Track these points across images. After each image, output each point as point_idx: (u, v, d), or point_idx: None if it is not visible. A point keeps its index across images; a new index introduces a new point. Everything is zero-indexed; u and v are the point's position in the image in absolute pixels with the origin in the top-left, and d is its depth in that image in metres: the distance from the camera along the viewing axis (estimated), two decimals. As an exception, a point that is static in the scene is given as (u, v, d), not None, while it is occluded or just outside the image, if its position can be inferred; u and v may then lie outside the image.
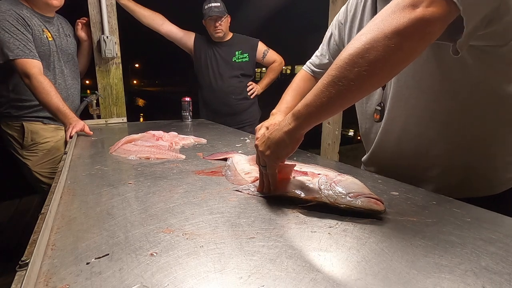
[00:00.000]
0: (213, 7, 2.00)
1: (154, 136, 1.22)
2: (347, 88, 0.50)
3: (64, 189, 0.70)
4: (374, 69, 0.49)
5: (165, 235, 0.49)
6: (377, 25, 0.49)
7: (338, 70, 0.51)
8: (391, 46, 0.48)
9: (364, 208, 0.55)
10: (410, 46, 0.49)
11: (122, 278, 0.38)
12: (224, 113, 2.18)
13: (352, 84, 0.50)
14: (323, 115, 0.55)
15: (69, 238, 0.49)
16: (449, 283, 0.38)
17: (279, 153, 0.60)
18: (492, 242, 0.47)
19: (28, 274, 0.37)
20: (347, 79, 0.50)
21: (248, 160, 0.90)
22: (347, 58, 0.50)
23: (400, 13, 0.48)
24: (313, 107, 0.54)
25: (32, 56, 1.47)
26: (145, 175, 0.81)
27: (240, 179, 0.77)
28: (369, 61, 0.49)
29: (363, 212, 0.56)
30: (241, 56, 2.17)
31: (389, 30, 0.48)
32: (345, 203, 0.56)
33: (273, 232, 0.50)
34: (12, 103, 1.59)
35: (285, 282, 0.38)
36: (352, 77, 0.50)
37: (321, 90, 0.53)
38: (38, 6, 1.57)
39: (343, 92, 0.51)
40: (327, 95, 0.52)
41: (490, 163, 0.75)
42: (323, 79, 0.53)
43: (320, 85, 0.53)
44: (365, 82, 0.51)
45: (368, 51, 0.49)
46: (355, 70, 0.49)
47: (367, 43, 0.49)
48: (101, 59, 1.98)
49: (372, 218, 0.55)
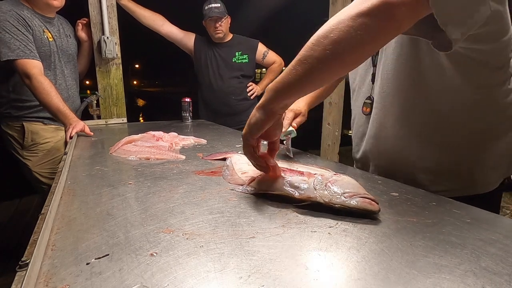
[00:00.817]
0: (213, 7, 2.00)
1: (154, 137, 1.22)
2: (312, 66, 0.51)
3: (64, 190, 0.70)
4: (337, 49, 0.49)
5: (165, 235, 0.49)
6: (344, 9, 0.50)
7: (305, 49, 0.52)
8: (354, 26, 0.48)
9: (359, 208, 0.55)
10: (373, 28, 0.48)
11: (122, 278, 0.38)
12: (224, 113, 2.18)
13: (317, 63, 0.51)
14: (293, 92, 0.57)
15: (69, 238, 0.49)
16: (449, 283, 0.38)
17: (252, 127, 0.60)
18: (492, 243, 0.47)
19: (28, 274, 0.37)
20: (312, 57, 0.51)
21: (246, 160, 0.89)
22: (313, 39, 0.52)
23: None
24: (282, 83, 0.56)
25: (32, 57, 1.47)
26: (145, 175, 0.81)
27: (236, 178, 0.77)
28: (332, 41, 0.49)
29: (358, 212, 0.55)
30: (241, 57, 2.18)
31: (353, 12, 0.48)
32: (340, 203, 0.56)
33: (273, 232, 0.50)
34: (12, 104, 1.59)
35: (285, 282, 0.38)
36: (317, 55, 0.51)
37: (290, 68, 0.54)
38: (39, 7, 1.57)
39: (309, 70, 0.52)
40: (294, 73, 0.53)
41: (465, 166, 0.76)
42: (294, 59, 0.54)
43: (290, 64, 0.54)
44: (330, 62, 0.51)
45: (332, 31, 0.49)
46: (319, 49, 0.50)
47: (332, 25, 0.49)
48: (101, 60, 1.99)
49: (367, 218, 0.55)
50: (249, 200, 0.64)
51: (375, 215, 0.56)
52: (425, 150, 0.78)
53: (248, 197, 0.66)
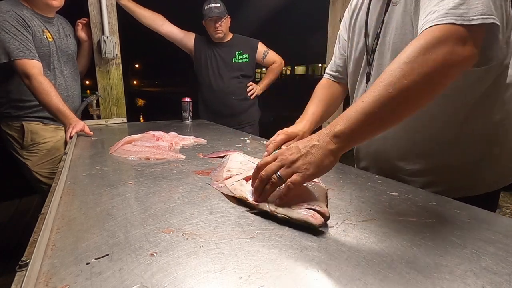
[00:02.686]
0: (213, 7, 2.00)
1: (154, 137, 1.22)
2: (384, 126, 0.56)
3: (64, 190, 0.70)
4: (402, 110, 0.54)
5: (165, 235, 0.49)
6: (431, 57, 0.53)
7: (374, 106, 0.53)
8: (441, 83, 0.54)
9: (300, 220, 0.51)
10: (451, 81, 0.55)
11: (122, 278, 0.38)
12: (224, 113, 2.18)
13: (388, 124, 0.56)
14: (362, 141, 0.60)
15: (69, 238, 0.49)
16: (449, 283, 0.38)
17: (323, 170, 0.55)
18: (492, 242, 0.47)
19: (28, 274, 0.37)
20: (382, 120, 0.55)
21: (240, 159, 0.88)
22: (381, 98, 0.53)
23: (453, 47, 0.53)
24: (357, 132, 0.55)
25: (32, 57, 1.47)
26: (145, 175, 0.81)
27: (219, 175, 0.77)
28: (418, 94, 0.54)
29: (299, 225, 0.51)
30: (241, 57, 2.18)
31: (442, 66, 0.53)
32: (283, 213, 0.52)
33: (273, 232, 0.50)
34: (12, 103, 1.59)
35: (285, 282, 0.38)
36: (387, 117, 0.54)
37: (360, 120, 0.54)
38: (38, 7, 1.57)
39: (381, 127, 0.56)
40: (366, 128, 0.55)
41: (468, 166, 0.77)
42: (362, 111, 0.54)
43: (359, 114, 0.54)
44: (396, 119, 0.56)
45: (419, 85, 0.52)
46: (389, 112, 0.54)
47: (417, 76, 0.52)
48: (101, 60, 1.99)
49: (309, 232, 0.50)
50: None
51: (319, 229, 0.50)
52: (424, 148, 0.78)
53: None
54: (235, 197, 0.63)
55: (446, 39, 0.53)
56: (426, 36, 0.55)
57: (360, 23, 0.88)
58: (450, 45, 0.53)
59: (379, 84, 0.54)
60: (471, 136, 0.75)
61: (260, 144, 1.21)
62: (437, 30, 0.55)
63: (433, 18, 0.56)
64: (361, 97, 0.56)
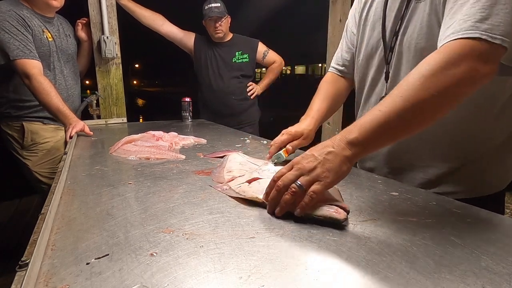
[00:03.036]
0: (213, 7, 2.00)
1: (154, 137, 1.22)
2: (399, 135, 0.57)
3: (64, 189, 0.70)
4: (436, 115, 0.55)
5: (165, 235, 0.49)
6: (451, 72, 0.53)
7: (390, 115, 0.53)
8: (458, 97, 0.55)
9: (323, 216, 0.52)
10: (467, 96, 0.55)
11: (122, 278, 0.38)
12: (224, 113, 2.18)
13: (402, 133, 0.56)
14: (375, 150, 0.59)
15: (69, 238, 0.49)
16: (449, 283, 0.38)
17: (340, 178, 0.55)
18: (492, 242, 0.47)
19: (28, 274, 0.37)
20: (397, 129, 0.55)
21: (239, 160, 0.88)
22: (415, 100, 0.53)
23: (474, 64, 0.53)
24: (372, 140, 0.55)
25: (32, 57, 1.47)
26: (145, 175, 0.81)
27: (220, 176, 0.77)
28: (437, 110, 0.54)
29: (324, 221, 0.52)
30: (241, 57, 2.18)
31: (462, 81, 0.53)
32: (307, 211, 0.53)
33: (273, 232, 0.50)
34: (12, 103, 1.59)
35: (285, 282, 0.38)
36: (402, 127, 0.55)
37: (376, 129, 0.54)
38: (38, 7, 1.57)
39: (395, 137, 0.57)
40: (384, 138, 0.56)
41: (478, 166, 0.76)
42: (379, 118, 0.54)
43: (374, 123, 0.55)
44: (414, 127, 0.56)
45: (436, 99, 0.53)
46: (405, 124, 0.54)
47: (436, 91, 0.52)
48: (101, 60, 1.99)
49: (334, 228, 0.51)
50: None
51: (343, 224, 0.52)
52: (442, 149, 0.77)
53: (248, 197, 0.66)
54: (244, 199, 0.63)
55: (468, 55, 0.53)
56: (448, 50, 0.55)
57: (375, 17, 0.84)
58: (472, 61, 0.53)
59: (397, 95, 0.55)
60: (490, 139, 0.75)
61: (260, 144, 1.21)
62: (460, 45, 0.55)
63: (457, 29, 0.56)
64: (377, 105, 0.56)
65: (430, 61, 0.55)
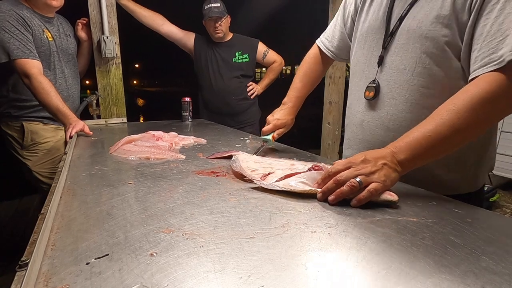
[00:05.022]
0: (213, 7, 2.00)
1: (154, 137, 1.22)
2: (446, 150, 0.65)
3: (64, 189, 0.70)
4: (466, 136, 0.64)
5: (165, 235, 0.49)
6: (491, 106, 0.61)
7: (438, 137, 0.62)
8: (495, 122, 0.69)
9: (382, 200, 0.61)
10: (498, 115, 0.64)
11: (122, 278, 0.38)
12: (224, 113, 2.18)
13: (449, 148, 0.65)
14: (422, 163, 0.66)
15: (69, 238, 0.49)
16: (449, 283, 0.38)
17: (390, 186, 0.63)
18: (492, 242, 0.47)
19: (28, 274, 0.37)
20: (444, 145, 0.63)
21: (252, 158, 0.89)
22: (444, 127, 0.62)
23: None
24: (422, 156, 0.64)
25: (32, 57, 1.47)
26: (145, 175, 0.81)
27: (247, 175, 0.77)
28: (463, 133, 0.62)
29: (380, 203, 0.61)
30: (241, 57, 2.17)
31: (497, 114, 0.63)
32: None
33: (273, 232, 0.50)
34: (12, 103, 1.59)
35: (285, 282, 0.38)
36: (448, 144, 0.63)
37: (426, 146, 0.63)
38: (38, 7, 1.57)
39: (442, 151, 0.65)
40: (430, 152, 0.63)
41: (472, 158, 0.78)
42: (427, 135, 0.63)
43: (424, 140, 0.63)
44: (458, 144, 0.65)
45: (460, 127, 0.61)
46: (451, 141, 0.63)
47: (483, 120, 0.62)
48: (101, 59, 1.99)
49: (387, 208, 0.61)
50: (249, 200, 0.64)
51: (395, 204, 0.61)
52: None
53: (248, 197, 0.66)
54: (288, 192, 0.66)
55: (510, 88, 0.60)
56: (493, 83, 0.61)
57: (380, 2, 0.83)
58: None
59: (444, 123, 0.62)
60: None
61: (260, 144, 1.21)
62: (502, 77, 0.61)
63: (495, 59, 0.62)
64: (426, 129, 0.63)
65: (476, 91, 0.61)
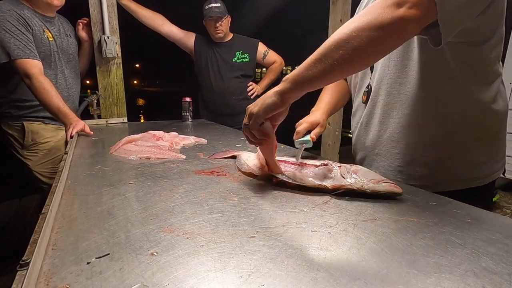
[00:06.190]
0: (214, 7, 2.00)
1: (155, 136, 1.22)
2: (331, 66, 0.59)
3: (64, 189, 0.71)
4: (355, 55, 0.57)
5: (166, 234, 0.49)
6: (365, 16, 0.57)
7: (325, 49, 0.59)
8: (373, 37, 0.56)
9: (387, 192, 0.64)
10: (389, 40, 0.58)
11: (123, 277, 0.38)
12: (225, 113, 2.18)
13: (335, 64, 0.58)
14: (308, 86, 0.63)
15: (70, 237, 0.49)
16: (449, 283, 0.38)
17: (266, 108, 0.65)
18: (492, 242, 0.47)
19: (29, 274, 0.37)
20: (331, 58, 0.58)
21: (256, 156, 0.90)
22: (335, 41, 0.58)
23: (385, 9, 0.55)
24: (301, 77, 0.62)
25: (32, 56, 1.47)
26: (146, 175, 0.81)
27: (256, 173, 0.78)
28: (352, 47, 0.56)
29: (384, 195, 0.64)
30: (242, 57, 2.18)
31: (373, 23, 0.55)
32: (371, 189, 0.64)
33: (273, 231, 0.50)
34: (12, 103, 1.59)
35: (285, 281, 0.38)
36: (336, 57, 0.58)
37: (309, 64, 0.61)
38: (39, 6, 1.57)
39: (327, 69, 0.59)
40: (313, 69, 0.60)
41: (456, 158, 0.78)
42: (313, 55, 0.61)
43: (309, 59, 0.61)
44: (346, 64, 0.59)
45: (353, 38, 0.56)
46: (340, 52, 0.57)
47: (353, 31, 0.56)
48: (102, 59, 1.99)
49: (391, 199, 0.64)
50: (249, 199, 0.64)
51: (398, 196, 0.64)
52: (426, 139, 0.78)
53: (248, 197, 0.66)
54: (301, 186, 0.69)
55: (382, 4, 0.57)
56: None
57: None
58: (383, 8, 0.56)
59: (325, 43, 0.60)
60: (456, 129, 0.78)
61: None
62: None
63: None
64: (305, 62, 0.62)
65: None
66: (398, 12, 0.55)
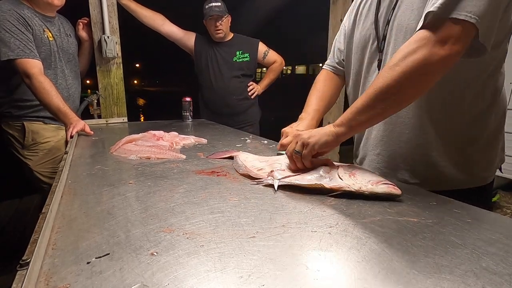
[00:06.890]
0: (214, 6, 2.00)
1: (155, 136, 1.22)
2: (382, 111, 0.66)
3: (64, 189, 0.71)
4: (405, 98, 0.64)
5: (166, 234, 0.49)
6: (410, 58, 0.60)
7: (377, 96, 0.64)
8: (422, 81, 0.61)
9: (386, 193, 0.63)
10: (437, 77, 0.62)
11: (123, 277, 0.38)
12: (225, 113, 2.18)
13: (387, 109, 0.65)
14: (360, 127, 0.72)
15: (70, 237, 0.49)
16: (449, 283, 0.38)
17: (322, 145, 0.71)
18: (492, 242, 0.47)
19: (29, 274, 0.37)
20: (384, 103, 0.64)
21: (255, 157, 0.90)
22: (384, 88, 0.63)
23: (431, 50, 0.58)
24: (353, 121, 0.69)
25: (32, 56, 1.47)
26: (146, 175, 0.81)
27: (254, 175, 0.78)
28: (403, 93, 0.62)
29: (383, 197, 0.63)
30: (242, 56, 2.17)
31: (422, 68, 0.59)
32: (369, 190, 0.64)
33: (273, 232, 0.50)
34: (12, 103, 1.59)
35: (285, 282, 0.38)
36: (389, 103, 0.64)
37: (361, 110, 0.67)
38: (39, 6, 1.57)
39: (379, 113, 0.66)
40: (365, 114, 0.66)
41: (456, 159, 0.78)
42: (364, 100, 0.66)
43: (360, 105, 0.67)
44: (397, 107, 0.66)
45: (402, 85, 0.61)
46: (393, 98, 0.63)
47: (401, 77, 0.61)
48: (102, 59, 1.99)
49: (390, 200, 0.64)
50: (249, 199, 0.64)
51: (398, 198, 0.64)
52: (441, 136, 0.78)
53: (248, 197, 0.66)
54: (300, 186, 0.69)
55: (424, 42, 0.60)
56: (409, 40, 0.63)
57: (369, 10, 0.86)
58: (427, 47, 0.59)
59: (370, 87, 0.65)
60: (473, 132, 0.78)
61: (261, 144, 1.22)
62: (418, 33, 0.61)
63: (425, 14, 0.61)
64: (357, 103, 0.68)
65: (396, 53, 0.64)
66: (444, 50, 0.57)
